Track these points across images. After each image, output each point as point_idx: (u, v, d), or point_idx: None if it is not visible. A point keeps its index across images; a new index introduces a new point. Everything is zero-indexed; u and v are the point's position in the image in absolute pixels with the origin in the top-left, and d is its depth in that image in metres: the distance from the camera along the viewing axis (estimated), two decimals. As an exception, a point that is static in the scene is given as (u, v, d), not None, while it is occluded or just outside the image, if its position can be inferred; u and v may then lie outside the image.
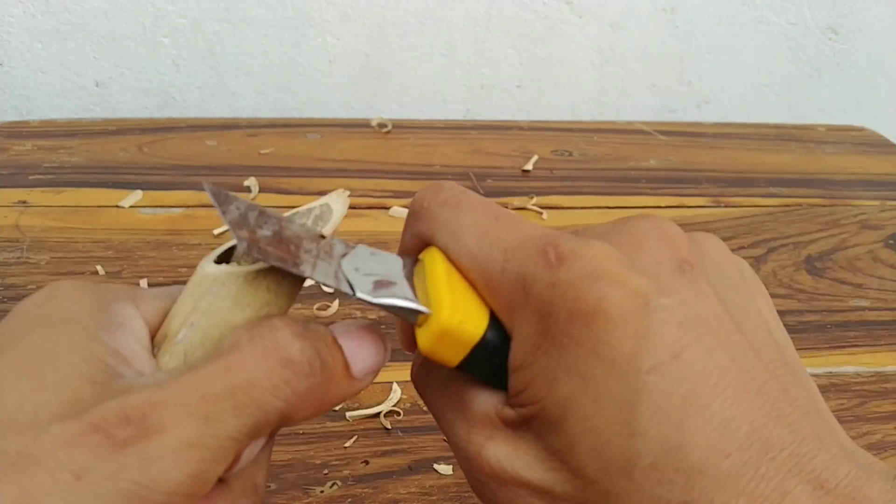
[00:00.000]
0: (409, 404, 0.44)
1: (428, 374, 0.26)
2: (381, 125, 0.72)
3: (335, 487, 0.39)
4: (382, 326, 0.49)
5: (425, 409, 0.43)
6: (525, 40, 0.81)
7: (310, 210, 0.24)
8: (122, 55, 0.76)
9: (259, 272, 0.22)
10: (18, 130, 0.68)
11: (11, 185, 0.60)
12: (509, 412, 0.23)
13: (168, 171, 0.64)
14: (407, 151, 0.69)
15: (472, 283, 0.24)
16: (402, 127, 0.73)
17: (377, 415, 0.43)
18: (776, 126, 0.80)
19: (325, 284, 0.23)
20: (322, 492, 0.38)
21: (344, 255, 0.23)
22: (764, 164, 0.72)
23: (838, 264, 0.59)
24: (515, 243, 0.23)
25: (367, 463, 0.40)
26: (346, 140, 0.70)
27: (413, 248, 0.25)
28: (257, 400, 0.21)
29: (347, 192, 0.25)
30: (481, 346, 0.23)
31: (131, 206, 0.59)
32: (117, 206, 0.59)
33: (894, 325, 0.53)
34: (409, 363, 0.27)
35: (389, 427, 0.42)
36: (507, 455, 0.22)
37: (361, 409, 0.43)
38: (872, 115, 0.92)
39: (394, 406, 0.43)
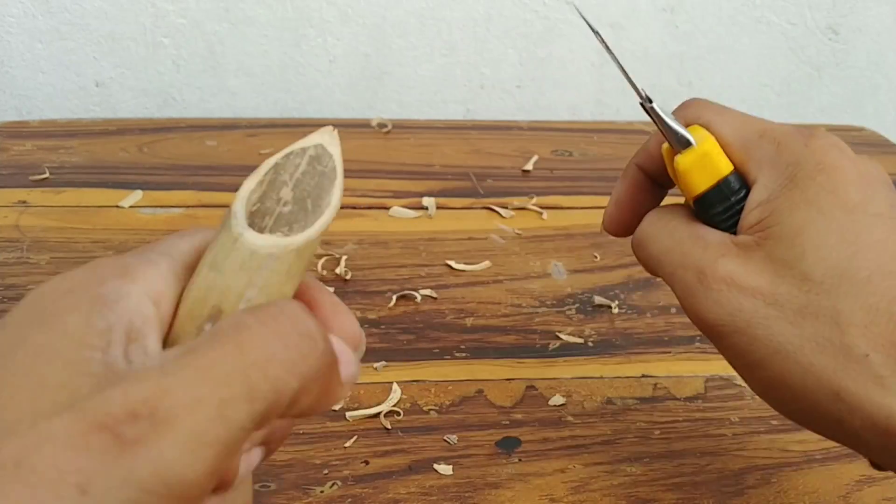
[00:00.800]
0: (409, 404, 0.44)
1: (663, 220, 0.33)
2: (381, 125, 0.72)
3: (335, 487, 0.39)
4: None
5: (425, 409, 0.43)
6: (525, 40, 0.81)
7: (304, 150, 0.24)
8: (122, 55, 0.76)
9: (307, 242, 0.23)
10: (18, 130, 0.68)
11: (11, 185, 0.60)
12: (745, 238, 0.30)
13: (168, 171, 0.64)
14: (407, 151, 0.69)
15: (726, 147, 0.31)
16: (402, 127, 0.73)
17: (377, 415, 0.43)
18: (776, 126, 0.80)
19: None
20: (322, 492, 0.38)
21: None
22: (764, 164, 0.72)
23: (838, 264, 0.59)
24: (769, 125, 0.32)
25: (367, 463, 0.40)
26: (346, 140, 0.69)
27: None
28: (272, 378, 0.20)
29: (334, 129, 0.25)
30: (725, 183, 0.31)
31: (131, 206, 0.59)
32: (117, 206, 0.59)
33: (894, 325, 0.53)
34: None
35: (389, 427, 0.42)
36: (739, 265, 0.29)
37: (361, 409, 0.43)
38: (872, 115, 0.92)
39: (394, 406, 0.43)
